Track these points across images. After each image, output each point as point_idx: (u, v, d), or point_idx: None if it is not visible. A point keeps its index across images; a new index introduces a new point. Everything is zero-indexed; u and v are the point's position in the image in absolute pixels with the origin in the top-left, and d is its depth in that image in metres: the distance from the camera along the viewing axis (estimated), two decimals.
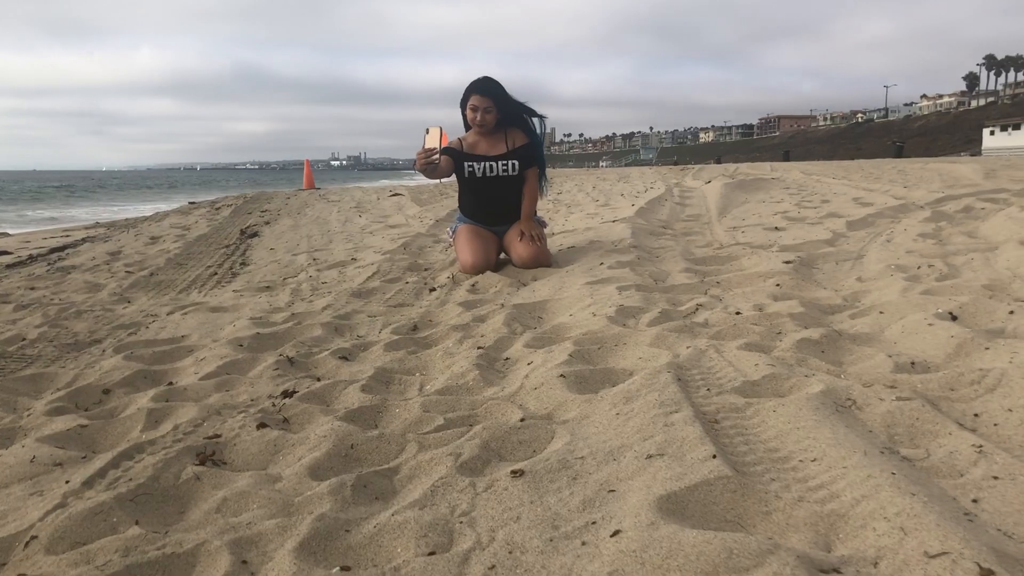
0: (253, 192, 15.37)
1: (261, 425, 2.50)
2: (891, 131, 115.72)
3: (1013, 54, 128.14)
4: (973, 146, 79.09)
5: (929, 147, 78.40)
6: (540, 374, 2.71)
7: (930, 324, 2.86)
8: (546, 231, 5.52)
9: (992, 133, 76.23)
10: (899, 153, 55.20)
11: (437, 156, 4.50)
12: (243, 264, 6.63)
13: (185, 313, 4.48)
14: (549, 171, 4.85)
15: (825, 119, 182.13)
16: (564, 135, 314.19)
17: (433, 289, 4.62)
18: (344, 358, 3.29)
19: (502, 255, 5.18)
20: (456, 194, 5.63)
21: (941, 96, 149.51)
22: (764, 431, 2.03)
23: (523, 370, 2.89)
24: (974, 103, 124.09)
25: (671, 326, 3.19)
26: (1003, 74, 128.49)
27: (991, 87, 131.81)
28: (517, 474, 1.94)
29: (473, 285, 4.59)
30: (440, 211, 9.18)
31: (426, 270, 5.33)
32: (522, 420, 2.32)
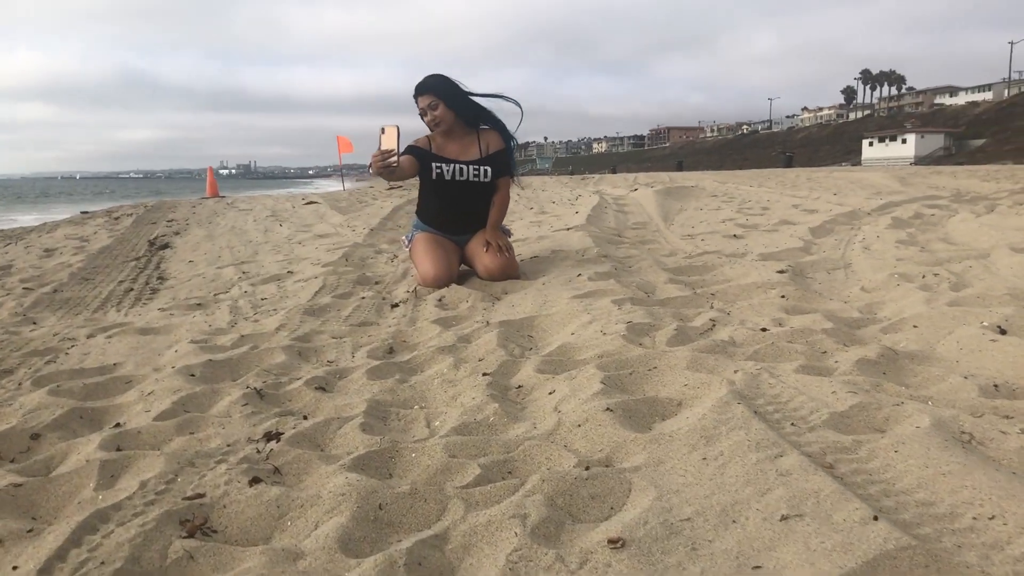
0: (153, 200, 14.40)
1: (254, 480, 2.04)
2: (775, 142, 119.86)
3: (887, 69, 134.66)
4: (853, 156, 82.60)
5: (812, 157, 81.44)
6: (577, 407, 2.32)
7: (992, 340, 2.60)
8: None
9: (871, 144, 79.77)
10: (789, 163, 57.14)
11: (395, 158, 4.07)
12: (161, 279, 6.01)
13: (109, 336, 3.92)
14: None
15: (712, 130, 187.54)
16: None
17: (395, 305, 4.18)
18: (321, 388, 2.83)
19: (462, 267, 4.76)
20: (405, 204, 5.13)
21: (821, 109, 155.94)
22: (898, 478, 1.69)
23: (546, 401, 2.50)
24: (852, 115, 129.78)
25: (698, 346, 2.85)
26: (878, 88, 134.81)
27: (867, 100, 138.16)
28: (616, 544, 1.56)
29: (440, 300, 4.17)
30: (368, 219, 8.65)
31: (377, 283, 4.87)
32: (587, 469, 1.92)
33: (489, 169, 4.60)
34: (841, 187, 11.56)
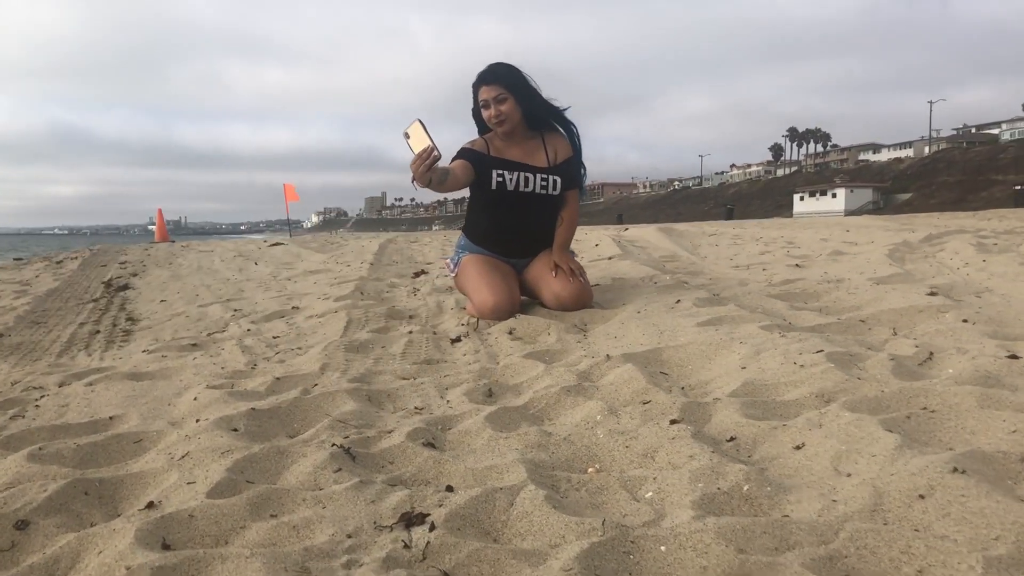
0: (98, 245, 13.22)
1: None
2: (708, 197, 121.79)
3: (813, 127, 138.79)
4: (784, 210, 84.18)
5: (744, 211, 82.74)
6: (889, 469, 1.53)
7: None
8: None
9: (802, 199, 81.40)
10: (730, 215, 57.85)
11: (438, 152, 3.26)
12: (131, 319, 5.06)
13: (90, 384, 3.02)
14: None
15: (645, 186, 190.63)
16: (395, 199, 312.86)
17: (456, 340, 3.35)
18: (431, 445, 2.00)
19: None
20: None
21: (750, 165, 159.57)
22: None
23: (806, 460, 1.70)
24: (780, 171, 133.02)
25: (958, 378, 2.10)
26: (804, 145, 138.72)
27: (794, 157, 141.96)
28: None
29: (511, 332, 3.36)
30: (359, 256, 7.75)
31: (412, 317, 4.03)
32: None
33: (559, 180, 3.83)
34: (833, 228, 11.08)
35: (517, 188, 3.75)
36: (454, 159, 3.66)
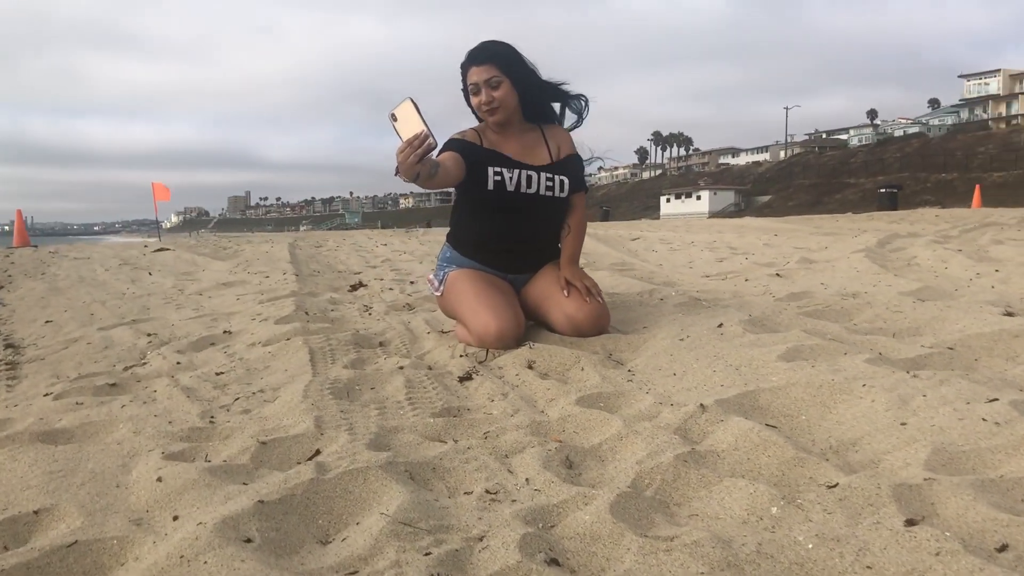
0: None
1: None
2: None
3: (676, 132, 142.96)
4: (652, 212, 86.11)
5: (614, 213, 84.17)
6: None
7: None
8: None
9: (668, 200, 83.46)
10: (606, 216, 58.33)
11: (433, 139, 2.64)
12: (13, 347, 4.14)
13: None
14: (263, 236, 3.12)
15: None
16: (260, 198, 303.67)
17: (467, 378, 2.70)
18: (553, 563, 1.39)
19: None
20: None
21: (617, 167, 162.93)
22: None
23: None
24: (646, 174, 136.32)
25: None
26: (668, 148, 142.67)
27: (659, 160, 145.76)
28: None
29: (531, 365, 2.74)
30: (272, 264, 6.87)
31: (383, 344, 3.35)
32: None
33: (566, 180, 3.23)
34: (740, 230, 10.92)
35: (519, 189, 3.14)
36: (441, 151, 3.01)
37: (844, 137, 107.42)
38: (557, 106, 3.37)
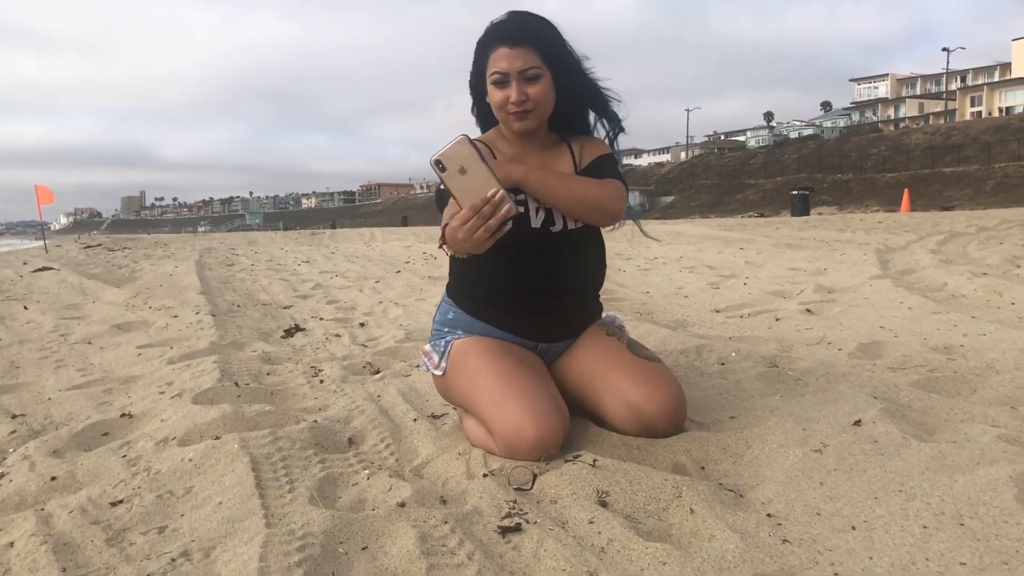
0: None
1: None
2: None
3: None
4: None
5: None
6: None
7: None
8: None
9: None
10: None
11: (512, 204, 1.82)
12: None
13: None
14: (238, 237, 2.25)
15: (423, 187, 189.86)
16: (156, 199, 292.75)
17: (513, 529, 1.75)
18: None
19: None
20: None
21: None
22: None
23: None
24: None
25: None
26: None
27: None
28: None
29: (603, 501, 1.82)
30: (178, 294, 5.68)
31: (353, 442, 2.36)
32: None
33: None
34: (701, 241, 10.23)
35: (546, 225, 2.21)
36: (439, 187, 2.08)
37: (742, 139, 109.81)
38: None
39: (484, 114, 2.35)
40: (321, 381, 3.08)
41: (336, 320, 4.41)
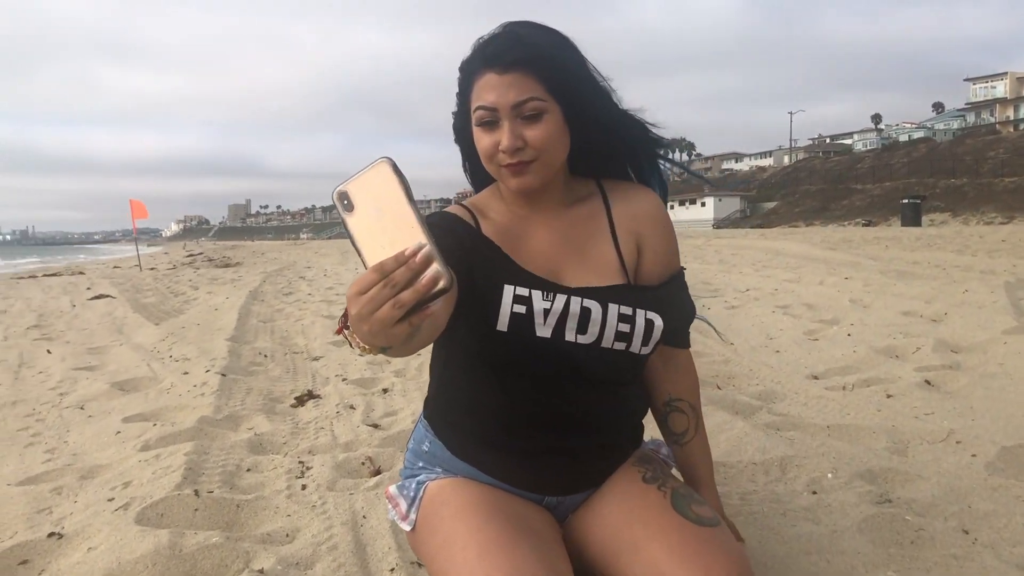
0: None
1: None
2: None
3: (678, 137, 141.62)
4: None
5: None
6: None
7: None
8: None
9: (672, 207, 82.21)
10: None
11: (442, 269, 1.08)
12: None
13: None
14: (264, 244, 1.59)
15: None
16: (260, 207, 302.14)
17: None
18: None
19: None
20: None
21: None
22: None
23: None
24: None
25: None
26: (670, 154, 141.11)
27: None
28: None
29: None
30: (204, 337, 5.23)
31: None
32: None
33: (657, 321, 1.57)
34: (800, 264, 9.33)
35: (560, 332, 1.55)
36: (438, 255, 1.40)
37: (848, 142, 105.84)
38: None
39: (478, 168, 1.70)
40: (303, 487, 2.48)
41: (358, 383, 3.81)
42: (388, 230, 1.09)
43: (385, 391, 3.63)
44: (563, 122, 1.52)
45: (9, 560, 2.12)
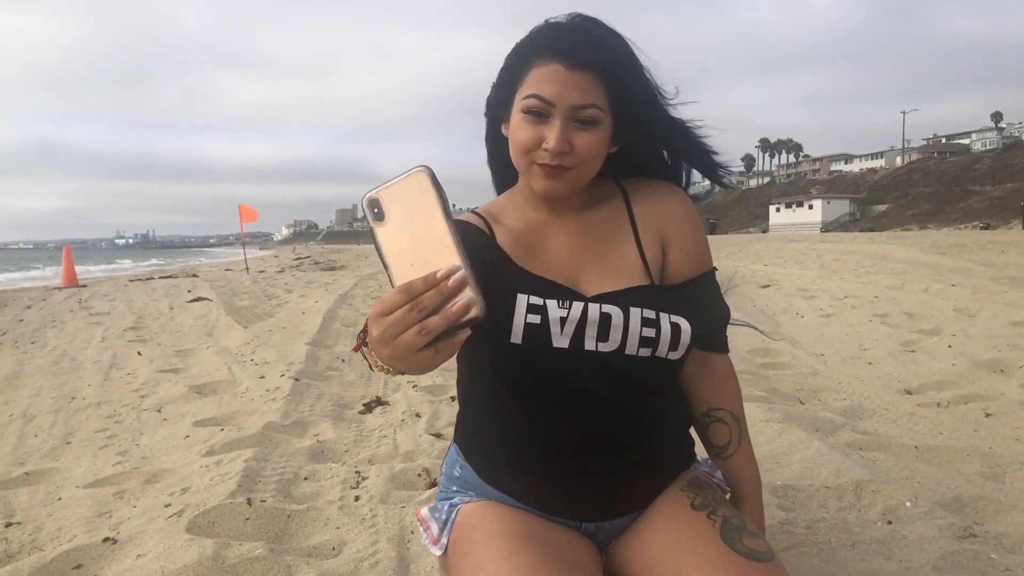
0: None
1: None
2: None
3: (784, 138, 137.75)
4: (760, 222, 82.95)
5: (720, 223, 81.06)
6: None
7: None
8: None
9: (778, 210, 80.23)
10: (713, 229, 55.62)
11: (475, 295, 0.99)
12: None
13: None
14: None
15: None
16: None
17: None
18: None
19: None
20: None
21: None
22: None
23: None
24: (753, 182, 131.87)
25: None
26: (776, 155, 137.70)
27: (766, 167, 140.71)
28: None
29: None
30: (284, 345, 5.29)
31: None
32: None
33: (683, 325, 1.44)
34: (906, 270, 8.88)
35: (576, 344, 1.45)
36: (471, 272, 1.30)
37: (966, 142, 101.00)
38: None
39: (500, 157, 1.60)
40: (356, 498, 2.43)
41: (428, 390, 3.77)
42: (420, 246, 1.00)
43: (453, 398, 3.58)
44: (610, 134, 1.42)
45: (64, 564, 2.15)
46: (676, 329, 1.43)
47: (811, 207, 76.09)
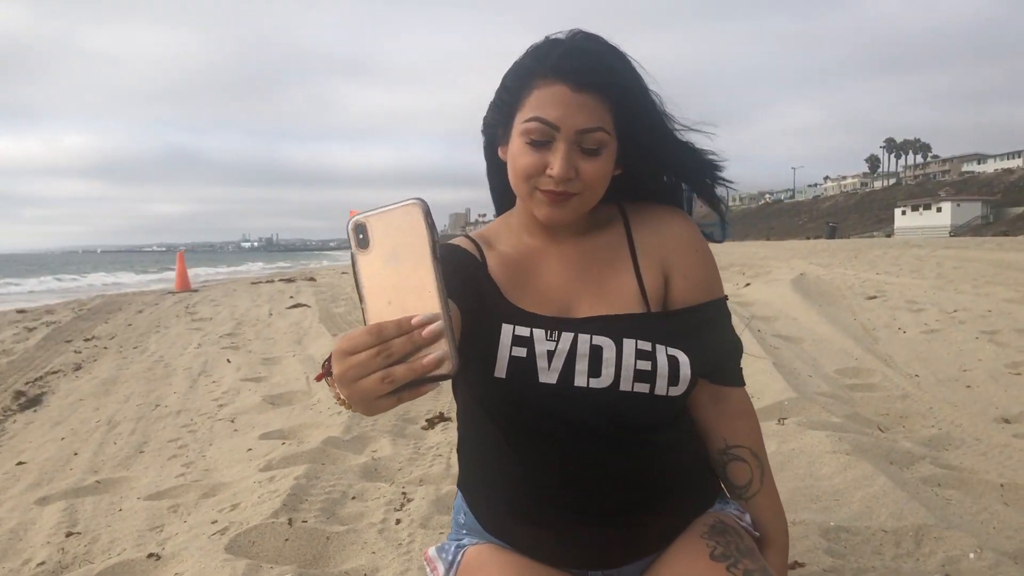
0: (96, 301, 11.19)
1: None
2: (801, 211, 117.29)
3: (912, 138, 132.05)
4: (884, 225, 79.78)
5: (842, 227, 78.29)
6: None
7: None
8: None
9: (904, 213, 77.00)
10: (833, 234, 53.72)
11: (451, 362, 0.91)
12: None
13: None
14: None
15: (735, 200, 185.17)
16: (479, 215, 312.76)
17: None
18: None
19: None
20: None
21: (844, 177, 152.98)
22: None
23: None
24: (877, 184, 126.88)
25: None
26: (902, 156, 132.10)
27: (891, 169, 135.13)
28: None
29: None
30: None
31: None
32: None
33: (681, 357, 1.33)
34: (989, 276, 8.32)
35: (565, 379, 1.33)
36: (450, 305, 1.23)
37: None
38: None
39: (499, 179, 1.52)
40: (398, 521, 2.40)
41: None
42: (400, 285, 0.93)
43: None
44: (614, 158, 1.33)
45: None
46: (674, 362, 1.32)
47: (939, 210, 72.69)
